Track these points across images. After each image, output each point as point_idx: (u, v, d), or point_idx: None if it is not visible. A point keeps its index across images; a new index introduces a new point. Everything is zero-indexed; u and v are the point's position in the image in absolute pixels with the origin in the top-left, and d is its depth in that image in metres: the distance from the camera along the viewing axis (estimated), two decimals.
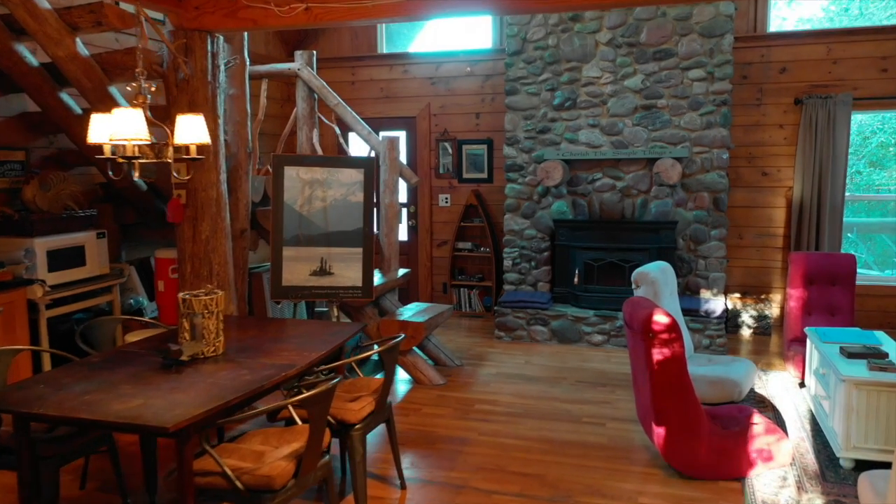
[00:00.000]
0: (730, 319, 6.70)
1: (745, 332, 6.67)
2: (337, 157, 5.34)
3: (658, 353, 3.54)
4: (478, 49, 7.61)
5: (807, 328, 4.75)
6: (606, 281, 6.50)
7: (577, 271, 6.52)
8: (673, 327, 3.54)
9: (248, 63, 5.17)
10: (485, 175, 7.64)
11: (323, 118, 6.18)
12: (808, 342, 4.70)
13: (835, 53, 6.57)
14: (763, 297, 6.87)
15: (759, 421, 3.77)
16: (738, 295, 6.88)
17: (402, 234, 8.02)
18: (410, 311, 5.58)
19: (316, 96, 6.01)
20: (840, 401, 3.77)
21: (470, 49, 7.62)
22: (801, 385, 5.09)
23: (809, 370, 4.68)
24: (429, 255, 7.93)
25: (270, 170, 5.13)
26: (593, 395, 4.99)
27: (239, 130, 5.13)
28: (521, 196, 6.82)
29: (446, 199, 7.81)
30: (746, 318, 6.66)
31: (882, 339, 4.44)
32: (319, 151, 5.78)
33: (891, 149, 9.65)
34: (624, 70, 6.42)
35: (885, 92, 6.48)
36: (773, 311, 6.90)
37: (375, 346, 3.74)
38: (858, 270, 8.16)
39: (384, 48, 8.03)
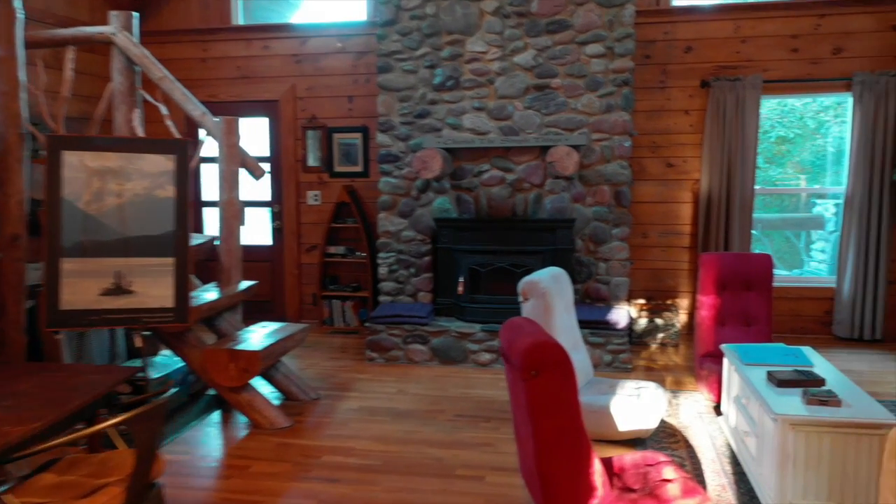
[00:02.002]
0: (634, 329, 5.93)
1: (652, 344, 5.92)
2: (137, 139, 4.16)
3: (542, 400, 2.60)
4: (350, 21, 6.55)
5: (723, 345, 3.96)
6: (496, 289, 5.59)
7: (461, 279, 5.57)
8: (563, 363, 2.61)
9: (19, 15, 3.93)
10: (360, 168, 6.59)
11: (147, 96, 4.96)
12: (726, 362, 3.91)
13: (743, 31, 5.91)
14: (670, 302, 6.14)
15: (673, 477, 2.90)
16: (642, 301, 6.13)
17: (266, 237, 6.88)
18: (253, 335, 4.47)
19: (138, 69, 4.81)
20: (772, 444, 2.95)
21: (341, 21, 6.56)
22: (717, 409, 4.32)
23: (727, 395, 3.89)
24: (296, 261, 6.81)
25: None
26: (473, 435, 4.03)
27: (7, 105, 3.88)
28: (397, 191, 5.82)
29: (316, 196, 6.71)
30: (652, 327, 5.91)
31: (810, 356, 3.70)
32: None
33: (786, 146, 9.29)
34: (513, 44, 5.53)
35: (796, 73, 5.87)
36: (681, 318, 6.19)
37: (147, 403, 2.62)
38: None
39: (240, 19, 6.85)
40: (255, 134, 6.82)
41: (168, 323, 3.83)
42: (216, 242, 4.78)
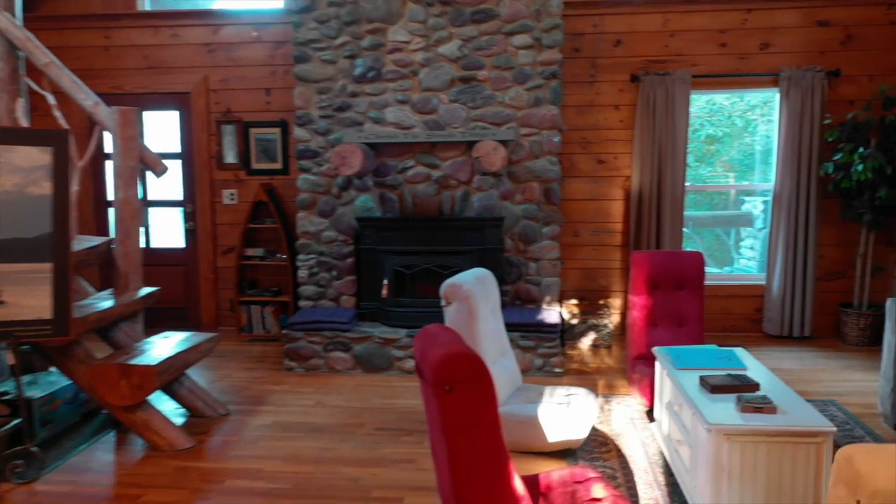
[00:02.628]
0: (566, 331, 5.74)
1: (584, 346, 5.74)
2: (5, 128, 3.71)
3: (458, 418, 2.33)
4: (266, 9, 6.16)
5: (655, 348, 3.78)
6: (422, 292, 5.31)
7: (385, 281, 5.26)
8: (481, 377, 2.34)
9: None
10: (279, 165, 6.21)
11: (32, 83, 4.48)
12: (658, 366, 3.73)
13: (672, 25, 5.80)
14: (602, 302, 5.99)
15: (602, 495, 2.67)
16: (574, 301, 5.95)
17: (178, 239, 6.42)
18: (154, 347, 4.06)
19: (21, 54, 4.34)
20: (705, 455, 2.76)
21: (257, 9, 6.16)
22: (650, 414, 4.15)
23: (660, 401, 3.71)
24: (212, 264, 6.37)
25: None
26: (394, 450, 3.74)
27: None
28: (316, 189, 5.47)
29: (232, 195, 6.29)
30: (584, 328, 5.73)
31: (743, 358, 3.55)
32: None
33: (715, 145, 9.34)
34: (437, 34, 5.25)
35: (724, 69, 5.79)
36: (614, 318, 6.05)
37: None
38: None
39: (147, 5, 6.36)
40: (164, 128, 6.35)
41: (46, 336, 3.39)
42: (113, 246, 4.35)
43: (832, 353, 5.44)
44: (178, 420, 4.18)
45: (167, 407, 4.28)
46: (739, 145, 9.47)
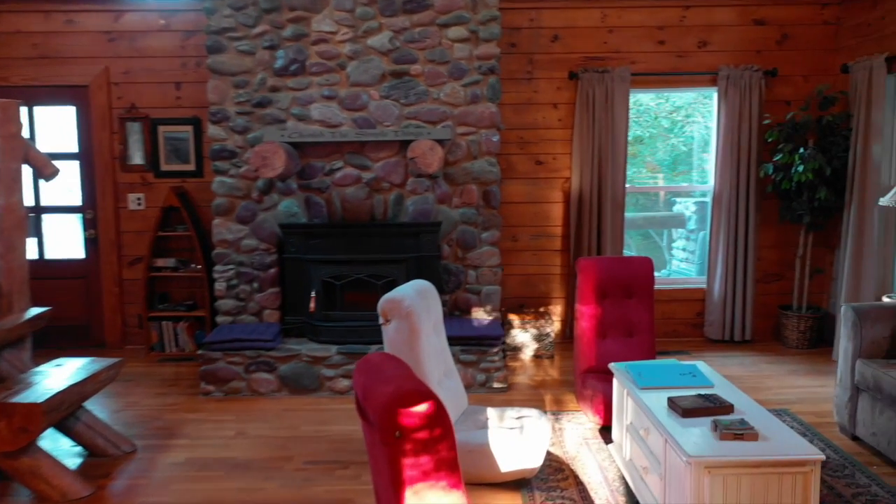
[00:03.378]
0: (507, 342, 5.44)
1: (526, 357, 5.45)
2: None
3: (411, 469, 1.95)
4: None
5: (612, 364, 3.50)
6: (353, 305, 4.89)
7: (312, 294, 4.81)
8: (438, 420, 1.97)
9: None
10: (192, 166, 5.65)
11: None
12: (616, 384, 3.45)
13: (610, 20, 5.59)
14: (543, 310, 5.73)
15: None
16: (514, 311, 5.67)
17: (77, 249, 5.76)
18: (46, 378, 3.49)
19: None
20: (682, 488, 2.48)
21: None
22: (604, 432, 3.88)
23: (619, 422, 3.44)
24: (116, 277, 5.74)
25: None
26: (328, 488, 3.32)
27: None
28: (234, 193, 4.96)
29: (139, 199, 5.68)
30: (526, 338, 5.44)
31: (707, 373, 3.32)
32: None
33: (639, 146, 9.29)
34: (366, 24, 4.84)
35: (663, 66, 5.62)
36: (556, 326, 5.79)
37: None
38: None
39: None
40: (58, 126, 5.68)
41: None
42: None
43: (774, 358, 5.35)
44: (74, 462, 3.62)
45: (60, 446, 3.71)
46: (666, 146, 9.47)
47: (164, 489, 3.33)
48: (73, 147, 5.68)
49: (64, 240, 5.83)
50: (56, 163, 4.03)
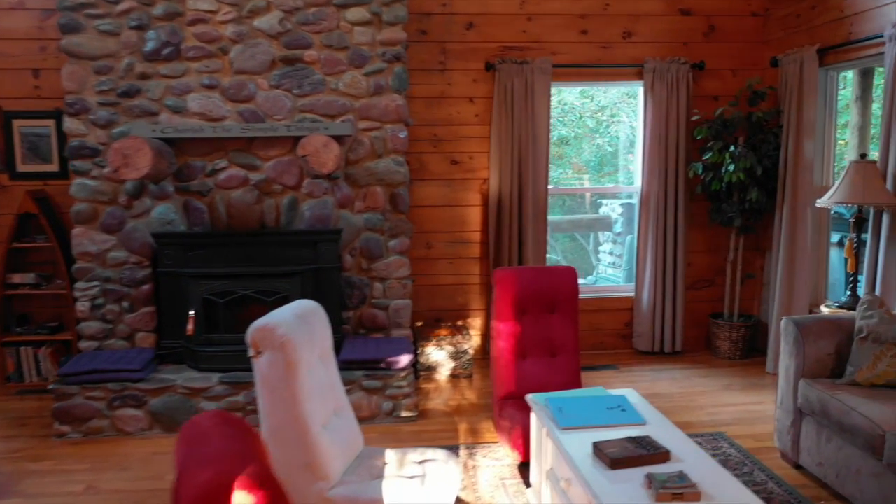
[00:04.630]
0: (420, 362, 4.90)
1: (441, 377, 4.92)
2: None
3: None
4: None
5: (529, 396, 3.00)
6: (239, 326, 4.23)
7: (190, 314, 4.15)
8: None
9: None
10: (54, 167, 4.87)
11: None
12: (534, 420, 2.96)
13: (529, 7, 5.13)
14: (461, 324, 5.22)
15: None
16: (429, 326, 5.13)
17: None
18: None
19: None
20: None
21: None
22: (523, 470, 3.39)
23: (538, 463, 2.94)
24: None
25: None
26: None
27: None
28: (98, 198, 4.25)
29: None
30: (442, 356, 4.92)
31: (637, 406, 2.85)
32: None
33: (564, 147, 8.97)
34: (252, 3, 4.22)
35: (586, 58, 5.20)
36: (475, 341, 5.29)
37: None
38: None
39: None
40: None
41: None
42: None
43: (706, 371, 4.99)
44: None
45: None
46: (591, 147, 9.17)
47: None
48: None
49: None
50: None
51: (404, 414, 4.10)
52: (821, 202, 3.95)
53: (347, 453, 2.98)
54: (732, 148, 4.85)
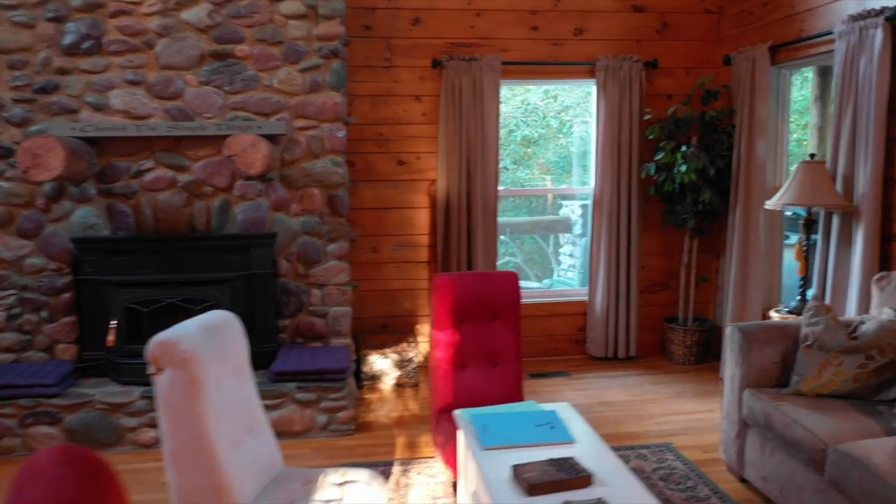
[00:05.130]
0: (363, 371, 4.70)
1: (386, 386, 4.73)
2: None
3: None
4: None
5: (457, 413, 2.82)
6: None
7: (112, 324, 3.91)
8: None
9: None
10: None
11: None
12: (460, 438, 2.78)
13: (477, 3, 4.96)
14: (407, 331, 5.03)
15: None
16: (375, 332, 4.94)
17: None
18: None
19: None
20: None
21: None
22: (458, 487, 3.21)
23: (464, 484, 2.76)
24: None
25: None
26: None
27: None
28: (13, 201, 3.99)
29: None
30: (386, 365, 4.72)
31: (569, 423, 2.69)
32: None
33: (532, 148, 8.84)
34: None
35: (537, 55, 5.04)
36: (422, 348, 5.10)
37: None
38: (522, 284, 6.82)
39: None
40: None
41: None
42: None
43: (660, 377, 4.86)
44: None
45: None
46: (556, 147, 9.03)
47: None
48: None
49: None
50: None
51: (340, 427, 3.90)
52: (769, 204, 3.83)
53: (261, 475, 2.78)
54: (684, 148, 4.72)
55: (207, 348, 2.57)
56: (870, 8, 3.53)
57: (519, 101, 8.79)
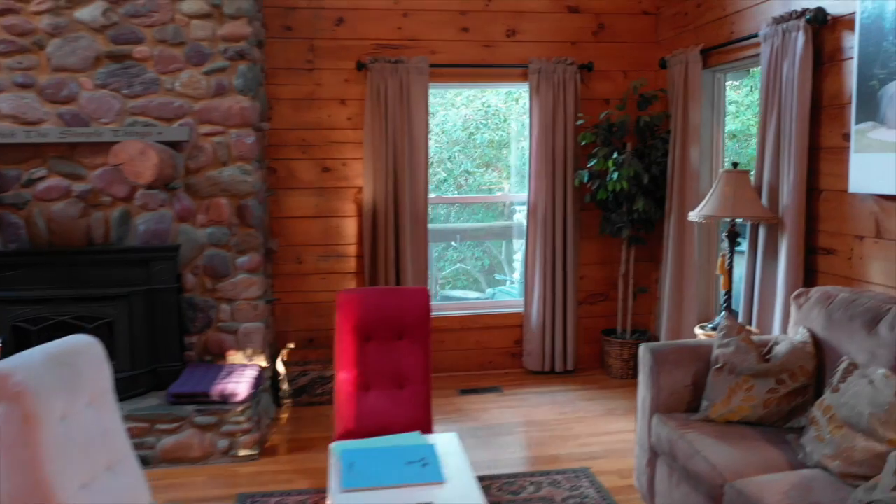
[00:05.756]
0: (283, 388, 4.47)
1: (304, 405, 4.51)
2: None
3: None
4: None
5: (333, 446, 2.61)
6: None
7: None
8: None
9: None
10: None
11: None
12: (329, 475, 2.56)
13: (405, 3, 4.75)
14: (333, 346, 4.79)
15: None
16: (302, 346, 4.73)
17: None
18: None
19: None
20: None
21: None
22: None
23: None
24: None
25: None
26: None
27: None
28: None
29: None
30: (307, 381, 4.50)
31: (447, 456, 2.48)
32: None
33: (503, 151, 8.62)
34: None
35: (469, 58, 4.84)
36: None
37: None
38: (456, 294, 6.67)
39: None
40: None
41: None
42: None
43: (595, 392, 4.68)
44: None
45: None
46: (520, 150, 8.83)
47: None
48: None
49: None
50: None
51: (243, 453, 3.67)
52: (692, 215, 3.65)
53: None
54: (616, 155, 4.54)
55: (49, 379, 2.34)
56: (792, 10, 3.36)
57: (479, 103, 8.60)
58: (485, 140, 8.59)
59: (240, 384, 3.69)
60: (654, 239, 4.93)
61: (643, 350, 3.06)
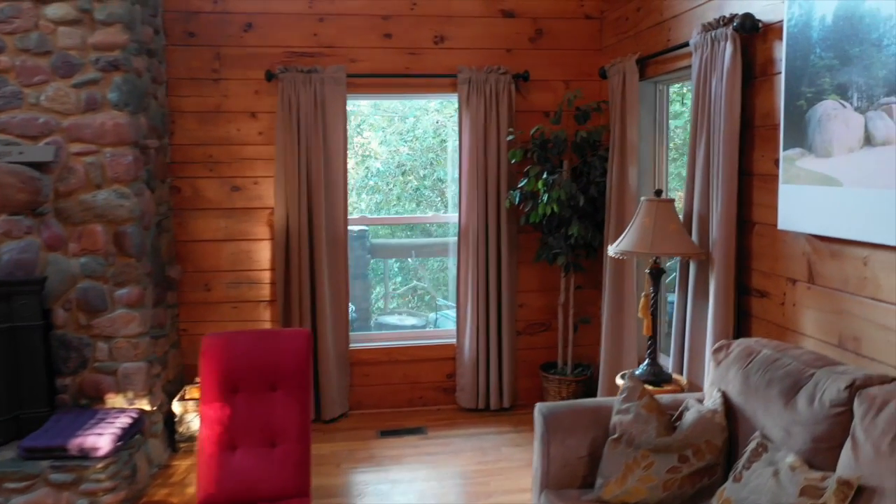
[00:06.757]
0: (180, 432, 4.06)
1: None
2: None
3: None
4: None
5: None
6: None
7: None
8: None
9: None
10: None
11: None
12: None
13: (320, 7, 4.34)
14: None
15: None
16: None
17: None
18: None
19: None
20: None
21: None
22: None
23: None
24: None
25: None
26: None
27: None
28: None
29: None
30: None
31: None
32: None
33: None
34: None
35: (392, 67, 4.42)
36: None
37: None
38: (391, 320, 6.24)
39: None
40: None
41: None
42: None
43: (527, 435, 4.23)
44: None
45: None
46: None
47: None
48: None
49: None
50: None
51: None
52: (610, 250, 3.21)
53: None
54: (546, 175, 4.11)
55: None
56: (720, 16, 2.92)
57: (453, 109, 8.18)
58: (455, 147, 8.16)
59: (102, 436, 3.27)
60: (595, 266, 4.49)
61: (537, 412, 2.63)
